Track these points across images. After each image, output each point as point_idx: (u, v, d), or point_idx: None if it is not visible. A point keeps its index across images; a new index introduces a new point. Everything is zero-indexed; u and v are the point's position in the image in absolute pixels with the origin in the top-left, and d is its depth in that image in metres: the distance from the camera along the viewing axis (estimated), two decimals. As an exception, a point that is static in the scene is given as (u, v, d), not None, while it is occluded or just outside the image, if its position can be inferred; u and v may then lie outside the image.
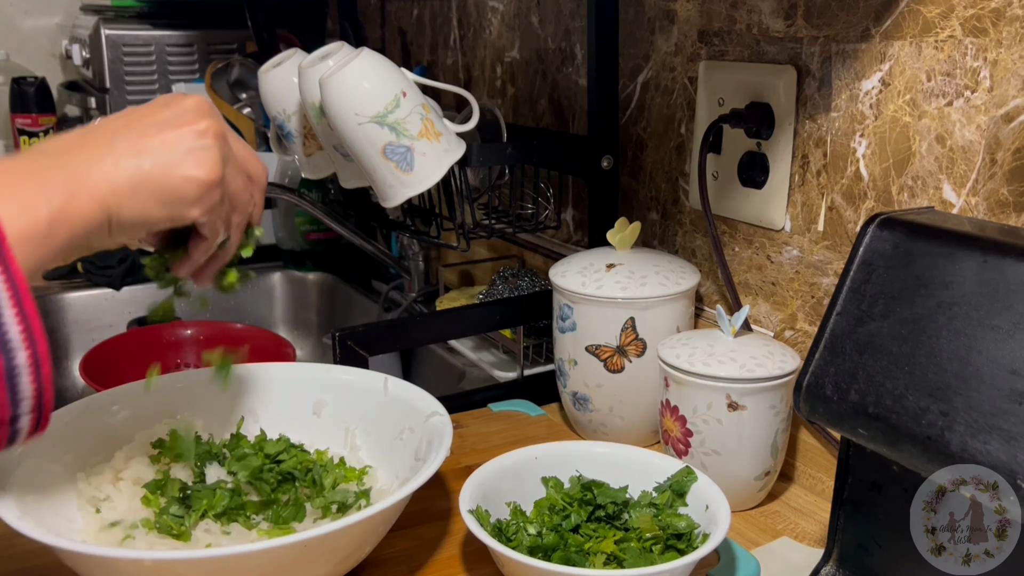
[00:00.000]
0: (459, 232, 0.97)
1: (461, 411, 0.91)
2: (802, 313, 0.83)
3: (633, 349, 0.85)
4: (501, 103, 1.26)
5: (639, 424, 0.88)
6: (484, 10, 1.28)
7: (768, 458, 0.76)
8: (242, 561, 0.55)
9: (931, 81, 0.70)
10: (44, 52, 2.10)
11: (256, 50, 1.56)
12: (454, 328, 1.00)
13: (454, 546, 0.69)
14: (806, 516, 0.78)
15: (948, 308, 0.54)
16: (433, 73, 1.44)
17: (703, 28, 0.90)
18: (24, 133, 1.74)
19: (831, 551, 0.65)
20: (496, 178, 1.03)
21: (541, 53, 1.16)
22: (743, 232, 0.88)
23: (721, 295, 0.92)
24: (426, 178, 0.85)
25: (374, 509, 0.59)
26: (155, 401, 0.75)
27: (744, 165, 0.87)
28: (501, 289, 1.12)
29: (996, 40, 0.65)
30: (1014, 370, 0.50)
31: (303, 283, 1.54)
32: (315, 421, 0.78)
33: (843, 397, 0.58)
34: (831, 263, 0.79)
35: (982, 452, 0.50)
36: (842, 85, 0.76)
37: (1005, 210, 0.66)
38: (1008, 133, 0.65)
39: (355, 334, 0.88)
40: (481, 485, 0.67)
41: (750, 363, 0.74)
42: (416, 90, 0.85)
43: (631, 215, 1.02)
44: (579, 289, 0.85)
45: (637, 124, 1.01)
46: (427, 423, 0.71)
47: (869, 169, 0.75)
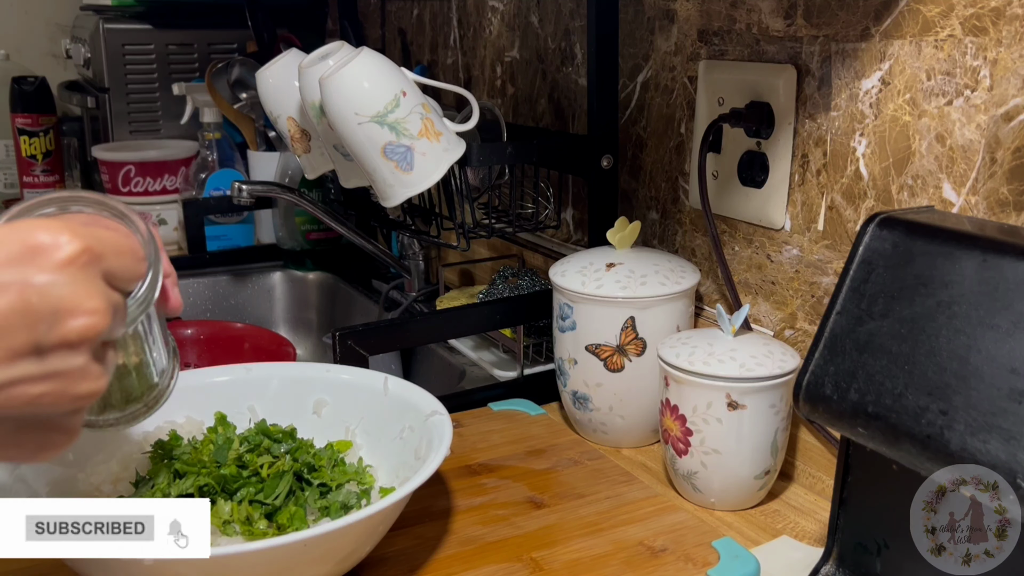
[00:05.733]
0: (459, 232, 0.97)
1: (461, 410, 0.91)
2: (802, 312, 0.83)
3: (633, 348, 0.85)
4: (501, 103, 1.26)
5: (639, 423, 0.88)
6: (484, 10, 1.28)
7: (768, 457, 0.76)
8: (242, 561, 0.55)
9: (931, 80, 0.70)
10: (44, 52, 2.10)
11: (256, 50, 1.56)
12: (454, 328, 1.00)
13: (454, 545, 0.69)
14: (806, 515, 0.78)
15: (948, 307, 0.54)
16: (433, 73, 1.44)
17: (703, 27, 0.90)
18: (24, 133, 1.74)
19: (831, 550, 0.65)
20: (496, 178, 1.03)
21: (541, 53, 1.16)
22: (743, 231, 0.88)
23: (721, 294, 0.92)
24: (426, 178, 0.85)
25: (374, 509, 0.59)
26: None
27: (744, 164, 0.87)
28: (501, 288, 1.12)
29: (996, 39, 0.65)
30: (1014, 369, 0.50)
31: (303, 282, 1.54)
32: (315, 420, 0.78)
33: (843, 396, 0.58)
34: (831, 262, 0.79)
35: (982, 451, 0.50)
36: (842, 84, 0.76)
37: (1005, 209, 0.66)
38: (1008, 132, 0.65)
39: (355, 333, 0.88)
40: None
41: (750, 362, 0.74)
42: (416, 90, 0.85)
43: (631, 214, 1.02)
44: (579, 288, 0.85)
45: (637, 124, 1.01)
46: (427, 422, 0.71)
47: (869, 168, 0.75)
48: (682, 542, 0.69)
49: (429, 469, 0.62)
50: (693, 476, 0.78)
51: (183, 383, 0.78)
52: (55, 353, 0.35)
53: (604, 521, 0.72)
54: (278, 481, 0.68)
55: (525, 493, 0.76)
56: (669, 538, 0.70)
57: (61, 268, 0.35)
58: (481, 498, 0.76)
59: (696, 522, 0.73)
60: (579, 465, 0.82)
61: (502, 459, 0.82)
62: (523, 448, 0.85)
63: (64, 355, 0.35)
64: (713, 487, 0.77)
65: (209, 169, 1.58)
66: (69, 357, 0.35)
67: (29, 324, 0.34)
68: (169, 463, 0.70)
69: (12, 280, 0.34)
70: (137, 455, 0.72)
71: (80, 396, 0.36)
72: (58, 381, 0.36)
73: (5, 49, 1.92)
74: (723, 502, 0.78)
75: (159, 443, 0.72)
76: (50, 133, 1.75)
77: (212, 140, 1.58)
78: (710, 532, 0.71)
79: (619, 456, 0.88)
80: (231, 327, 1.25)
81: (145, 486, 0.69)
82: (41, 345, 0.35)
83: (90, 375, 0.37)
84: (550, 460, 0.82)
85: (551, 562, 0.67)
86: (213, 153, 1.59)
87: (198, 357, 1.20)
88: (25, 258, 0.35)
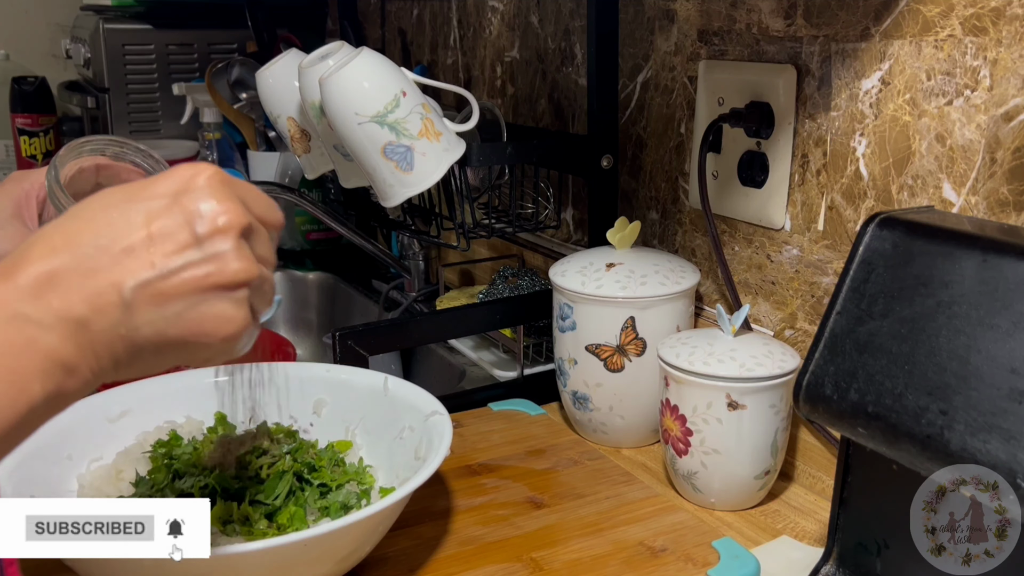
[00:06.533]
0: (459, 232, 0.97)
1: (461, 410, 0.91)
2: (802, 312, 0.83)
3: (633, 348, 0.85)
4: (501, 103, 1.26)
5: (639, 423, 0.88)
6: (484, 10, 1.28)
7: (768, 457, 0.76)
8: (242, 561, 0.55)
9: (931, 80, 0.70)
10: (44, 52, 2.10)
11: (256, 50, 1.56)
12: (454, 328, 1.00)
13: (454, 545, 0.69)
14: (806, 515, 0.78)
15: (948, 307, 0.54)
16: (433, 73, 1.44)
17: (703, 28, 0.90)
18: (24, 133, 1.74)
19: (831, 550, 0.65)
20: (496, 178, 1.03)
21: (541, 53, 1.16)
22: (743, 231, 0.88)
23: (721, 294, 0.92)
24: (426, 178, 0.85)
25: (374, 509, 0.59)
26: (155, 401, 0.75)
27: (744, 164, 0.87)
28: (501, 288, 1.12)
29: (996, 39, 0.65)
30: (1014, 369, 0.50)
31: (303, 282, 1.54)
32: (315, 420, 0.78)
33: (843, 396, 0.58)
34: (831, 262, 0.79)
35: (982, 451, 0.50)
36: (842, 84, 0.76)
37: (1005, 209, 0.66)
38: (1008, 132, 0.65)
39: (355, 333, 0.88)
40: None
41: (750, 362, 0.74)
42: (416, 90, 0.85)
43: (631, 214, 1.02)
44: (579, 288, 0.85)
45: (637, 124, 1.01)
46: (427, 422, 0.71)
47: (869, 168, 0.75)
48: (682, 542, 0.69)
49: (429, 469, 0.62)
50: (693, 476, 0.78)
51: (183, 383, 0.79)
52: (209, 241, 0.46)
53: (604, 521, 0.72)
54: (278, 481, 0.68)
55: (525, 493, 0.76)
56: (669, 538, 0.70)
57: (205, 186, 0.47)
58: (481, 498, 0.76)
59: (696, 522, 0.73)
60: (579, 465, 0.82)
61: (502, 459, 0.82)
62: (523, 448, 0.85)
63: (217, 241, 0.46)
64: (713, 487, 0.77)
65: (209, 169, 1.58)
66: (220, 242, 0.46)
67: (189, 223, 0.46)
68: (169, 463, 0.70)
69: (175, 201, 0.46)
70: (137, 455, 0.72)
71: (237, 272, 0.46)
72: (216, 262, 0.46)
73: (5, 49, 1.92)
74: (723, 502, 0.78)
75: (159, 443, 0.73)
76: (50, 133, 1.76)
77: (212, 140, 1.58)
78: (710, 532, 0.71)
79: (619, 456, 0.88)
80: (231, 327, 1.25)
81: (145, 486, 0.69)
82: (199, 236, 0.46)
83: (241, 255, 0.47)
84: (550, 460, 0.82)
85: (551, 562, 0.67)
86: (213, 153, 1.59)
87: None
88: (180, 188, 0.47)
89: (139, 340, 0.45)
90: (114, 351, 0.45)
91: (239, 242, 0.47)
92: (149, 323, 0.45)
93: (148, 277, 0.44)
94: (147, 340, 0.45)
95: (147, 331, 0.45)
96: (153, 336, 0.45)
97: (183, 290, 0.45)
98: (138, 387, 0.76)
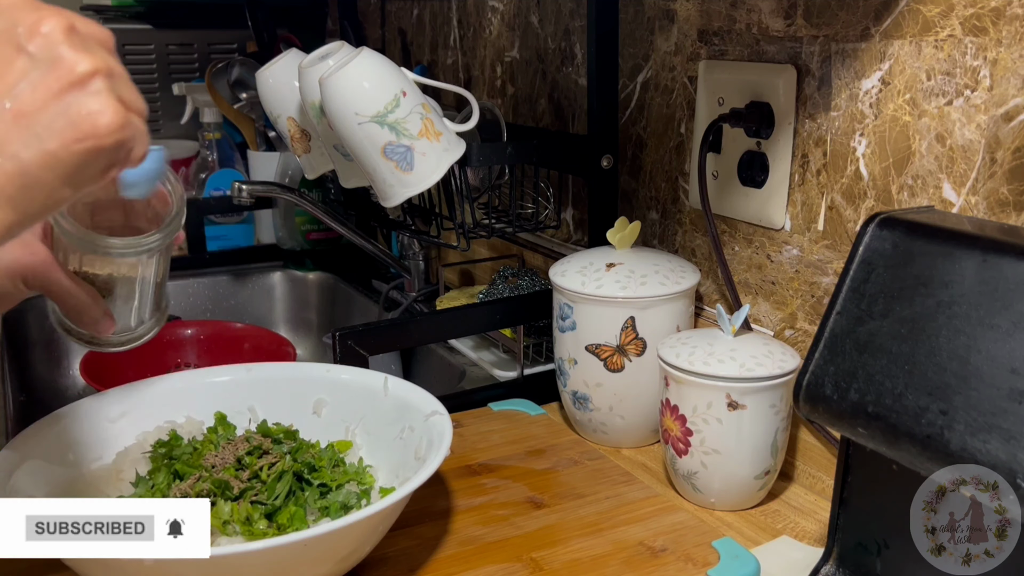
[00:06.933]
0: (459, 232, 0.97)
1: (461, 410, 0.91)
2: (802, 312, 0.83)
3: (633, 348, 0.85)
4: (501, 103, 1.26)
5: (639, 423, 0.88)
6: (484, 10, 1.28)
7: (768, 457, 0.76)
8: (242, 561, 0.55)
9: (931, 80, 0.70)
10: (44, 52, 2.10)
11: (256, 50, 1.56)
12: (454, 328, 1.00)
13: (454, 545, 0.69)
14: (806, 515, 0.78)
15: (948, 307, 0.54)
16: (433, 73, 1.44)
17: (703, 28, 0.90)
18: (24, 133, 1.74)
19: (831, 550, 0.65)
20: (496, 178, 1.03)
21: (541, 53, 1.16)
22: (743, 231, 0.88)
23: (721, 294, 0.92)
24: (426, 178, 0.85)
25: (374, 509, 0.59)
26: (155, 401, 0.75)
27: (744, 164, 0.87)
28: (501, 288, 1.12)
29: (996, 39, 0.65)
30: (1014, 369, 0.50)
31: (303, 283, 1.54)
32: (315, 420, 0.78)
33: (843, 396, 0.58)
34: (831, 262, 0.79)
35: (982, 451, 0.50)
36: (842, 84, 0.76)
37: (1005, 209, 0.66)
38: (1008, 132, 0.65)
39: (355, 334, 0.88)
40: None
41: (750, 362, 0.74)
42: (416, 90, 0.85)
43: (631, 214, 1.02)
44: (579, 288, 0.85)
45: (637, 124, 1.01)
46: (427, 422, 0.71)
47: (869, 168, 0.75)
48: (682, 542, 0.69)
49: (429, 469, 0.62)
50: (693, 476, 0.78)
51: (183, 383, 0.79)
52: (39, 49, 0.45)
53: (604, 521, 0.72)
54: (278, 481, 0.68)
55: (525, 493, 0.76)
56: (669, 538, 0.70)
57: (15, 4, 0.46)
58: (481, 498, 0.76)
59: (696, 522, 0.73)
60: (579, 465, 0.82)
61: (502, 459, 0.82)
62: (523, 448, 0.85)
63: (47, 46, 0.45)
64: (713, 487, 0.77)
65: (209, 169, 1.58)
66: (51, 46, 0.46)
67: (12, 42, 0.45)
68: (169, 463, 0.70)
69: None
70: (137, 455, 0.72)
71: (77, 63, 0.46)
72: (55, 65, 0.45)
73: (5, 49, 1.92)
74: (723, 502, 0.78)
75: (159, 443, 0.72)
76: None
77: (212, 140, 1.58)
78: (710, 532, 0.71)
79: (619, 456, 0.88)
80: (231, 327, 1.25)
81: (145, 486, 0.69)
82: (28, 50, 0.45)
83: (76, 49, 0.46)
84: (550, 460, 0.82)
85: (551, 562, 0.67)
86: (213, 153, 1.59)
87: (198, 357, 1.20)
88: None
89: (25, 166, 0.45)
90: (4, 189, 0.45)
91: (69, 39, 0.47)
92: (26, 145, 0.45)
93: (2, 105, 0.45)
94: (32, 162, 0.45)
95: (28, 153, 0.45)
96: (37, 156, 0.45)
97: (38, 103, 0.45)
98: (138, 387, 0.76)
